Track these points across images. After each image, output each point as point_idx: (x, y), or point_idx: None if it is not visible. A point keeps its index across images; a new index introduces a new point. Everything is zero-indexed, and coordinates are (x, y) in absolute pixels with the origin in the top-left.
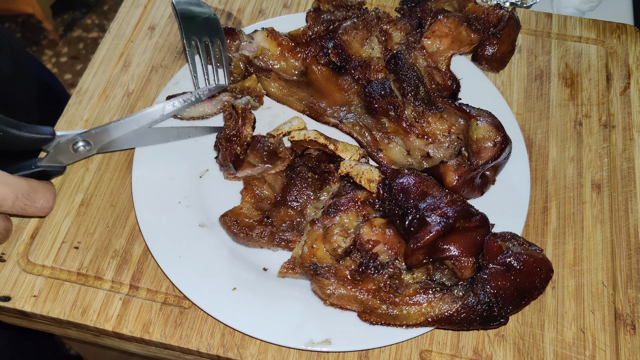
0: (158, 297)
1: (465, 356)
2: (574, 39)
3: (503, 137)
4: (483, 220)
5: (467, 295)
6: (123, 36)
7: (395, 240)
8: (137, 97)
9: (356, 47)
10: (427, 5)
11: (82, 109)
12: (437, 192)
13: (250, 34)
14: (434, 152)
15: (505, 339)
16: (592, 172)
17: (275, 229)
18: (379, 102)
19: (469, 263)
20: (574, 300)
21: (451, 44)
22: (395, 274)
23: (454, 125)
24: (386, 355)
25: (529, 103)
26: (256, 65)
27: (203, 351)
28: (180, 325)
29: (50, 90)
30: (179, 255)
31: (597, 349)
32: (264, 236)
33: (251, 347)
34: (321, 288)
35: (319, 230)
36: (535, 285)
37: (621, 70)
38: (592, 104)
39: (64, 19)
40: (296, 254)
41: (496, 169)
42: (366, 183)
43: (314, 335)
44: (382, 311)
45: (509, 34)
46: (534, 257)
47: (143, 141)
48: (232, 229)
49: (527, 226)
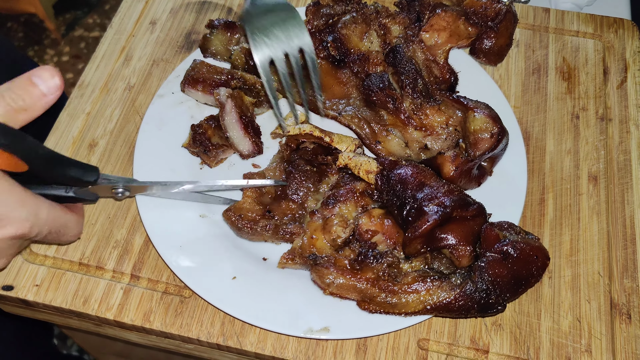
0: (159, 286)
1: (463, 345)
2: (571, 33)
3: (500, 128)
4: (480, 209)
5: (464, 283)
6: (125, 30)
7: (394, 230)
8: (138, 90)
9: (355, 41)
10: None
11: (83, 102)
12: (434, 182)
13: None
14: (432, 144)
15: (502, 328)
16: (588, 164)
17: (278, 221)
18: (377, 95)
19: (467, 252)
20: (571, 290)
21: (449, 38)
22: (394, 263)
23: (452, 117)
24: (384, 344)
25: (526, 96)
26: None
27: (203, 339)
28: (181, 314)
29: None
30: (179, 245)
31: (593, 337)
32: (269, 230)
33: (251, 336)
34: (320, 277)
35: (319, 221)
36: (532, 273)
37: (618, 64)
38: (589, 97)
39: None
40: (296, 245)
41: (493, 160)
42: (364, 174)
43: (312, 323)
44: (381, 300)
45: (506, 27)
46: (531, 245)
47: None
48: (236, 224)
49: (524, 217)
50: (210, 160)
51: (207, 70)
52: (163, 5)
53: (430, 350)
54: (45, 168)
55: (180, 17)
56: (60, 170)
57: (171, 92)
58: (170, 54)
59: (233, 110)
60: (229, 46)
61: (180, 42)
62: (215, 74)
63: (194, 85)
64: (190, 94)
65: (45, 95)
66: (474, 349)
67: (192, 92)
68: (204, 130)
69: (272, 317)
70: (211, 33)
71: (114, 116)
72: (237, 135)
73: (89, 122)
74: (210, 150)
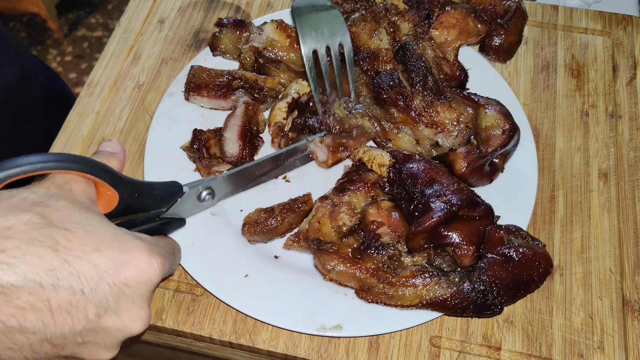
0: (170, 284)
1: (475, 342)
2: (580, 30)
3: (511, 124)
4: (488, 210)
5: (462, 281)
6: (133, 29)
7: (400, 224)
8: (147, 89)
9: (365, 39)
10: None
11: (93, 101)
12: (445, 179)
13: (260, 26)
14: (443, 141)
15: (514, 325)
16: (599, 161)
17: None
18: (387, 93)
19: (470, 251)
20: (582, 287)
21: (459, 35)
22: (395, 256)
23: (463, 114)
24: (396, 341)
25: (535, 94)
26: (265, 56)
27: (215, 338)
28: (193, 312)
29: (57, 95)
30: (191, 243)
31: (605, 334)
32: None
33: (263, 334)
34: (322, 263)
35: (328, 207)
36: (533, 279)
37: (627, 61)
38: (599, 94)
39: (69, 18)
40: (302, 228)
41: (505, 156)
42: (377, 167)
43: (325, 320)
44: (378, 290)
45: (516, 24)
46: (535, 251)
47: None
48: (258, 230)
49: (534, 214)
50: (203, 169)
51: (207, 75)
52: (171, 4)
53: (443, 347)
54: (132, 192)
55: (189, 15)
56: (146, 192)
57: (181, 90)
58: (179, 52)
59: (241, 115)
60: (238, 44)
61: (189, 41)
62: (216, 77)
63: (199, 92)
64: (196, 101)
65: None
66: (486, 346)
67: (197, 99)
68: (206, 138)
69: (284, 314)
70: (220, 32)
71: (123, 115)
72: (231, 136)
73: (99, 121)
74: (205, 159)
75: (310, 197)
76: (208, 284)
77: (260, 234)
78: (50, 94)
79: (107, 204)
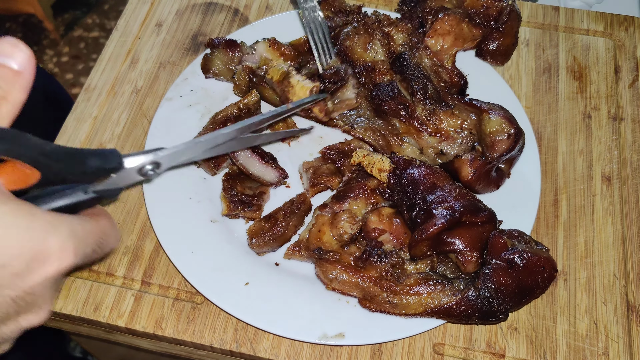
0: (170, 292)
1: (479, 349)
2: (581, 31)
3: (516, 129)
4: (490, 216)
5: (467, 288)
6: (130, 33)
7: (402, 231)
8: (145, 93)
9: (359, 52)
10: (427, 4)
11: (90, 106)
12: (446, 185)
13: (252, 45)
14: (447, 149)
15: (518, 332)
16: (601, 164)
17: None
18: (388, 104)
19: (473, 258)
20: (586, 293)
21: (455, 41)
22: (398, 264)
23: (466, 121)
24: (399, 349)
25: (537, 96)
26: (259, 75)
27: (216, 346)
28: (193, 320)
29: (55, 98)
30: (190, 250)
31: (610, 340)
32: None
33: (264, 342)
34: (324, 272)
35: (327, 215)
36: (538, 284)
37: (629, 63)
38: (601, 96)
39: (65, 19)
40: (303, 237)
41: (511, 161)
42: (377, 172)
43: (327, 329)
44: (382, 299)
45: (511, 26)
46: (539, 255)
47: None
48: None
49: (538, 219)
50: (254, 213)
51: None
52: (169, 7)
53: (446, 354)
54: (59, 167)
55: (187, 18)
56: (77, 165)
57: (179, 95)
58: (177, 56)
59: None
60: (230, 65)
61: (187, 44)
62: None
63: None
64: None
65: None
66: (490, 353)
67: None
68: (237, 192)
69: (285, 323)
70: (212, 53)
71: (121, 120)
72: (260, 168)
73: (96, 126)
74: (253, 204)
75: (305, 196)
76: (208, 292)
77: (269, 243)
78: (48, 97)
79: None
